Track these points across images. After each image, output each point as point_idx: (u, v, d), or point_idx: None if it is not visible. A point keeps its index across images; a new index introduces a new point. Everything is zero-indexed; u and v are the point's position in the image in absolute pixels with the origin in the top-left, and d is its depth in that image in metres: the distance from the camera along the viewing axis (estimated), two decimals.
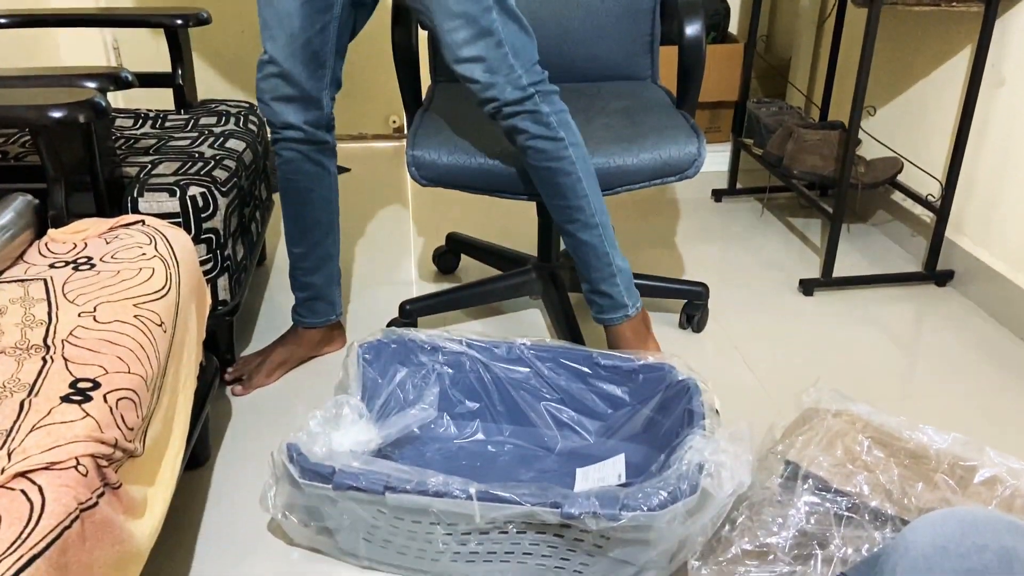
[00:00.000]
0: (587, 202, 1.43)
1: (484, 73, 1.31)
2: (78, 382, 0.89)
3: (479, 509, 1.05)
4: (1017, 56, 1.85)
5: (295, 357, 1.68)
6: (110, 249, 1.15)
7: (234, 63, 2.96)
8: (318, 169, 1.54)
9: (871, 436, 1.19)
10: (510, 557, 1.12)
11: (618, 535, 1.06)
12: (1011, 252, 1.90)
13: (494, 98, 1.33)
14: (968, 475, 1.11)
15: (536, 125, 1.36)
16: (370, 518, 1.12)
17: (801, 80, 2.83)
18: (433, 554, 1.15)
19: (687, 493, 1.04)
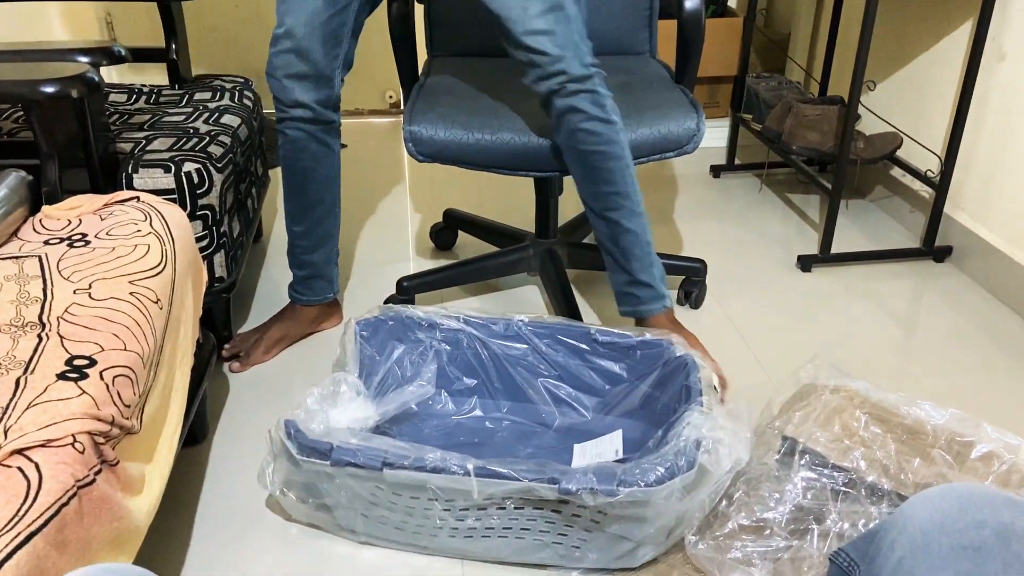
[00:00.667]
0: (634, 189, 1.42)
1: (554, 46, 1.30)
2: (74, 359, 0.88)
3: (477, 485, 1.05)
4: (1018, 30, 1.83)
5: (292, 334, 1.67)
6: (105, 226, 1.15)
7: (229, 38, 2.93)
8: (323, 148, 1.52)
9: (868, 412, 1.19)
10: (508, 532, 1.13)
11: (615, 511, 1.06)
12: (1010, 228, 1.89)
13: (561, 71, 1.32)
14: (965, 451, 1.12)
15: (594, 106, 1.35)
16: (368, 494, 1.12)
17: (800, 55, 2.80)
18: (431, 530, 1.15)
19: (684, 469, 1.05)
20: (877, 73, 2.34)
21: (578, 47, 1.32)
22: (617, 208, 1.43)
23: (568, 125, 1.37)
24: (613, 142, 1.38)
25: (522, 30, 1.29)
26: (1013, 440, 1.12)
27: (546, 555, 1.15)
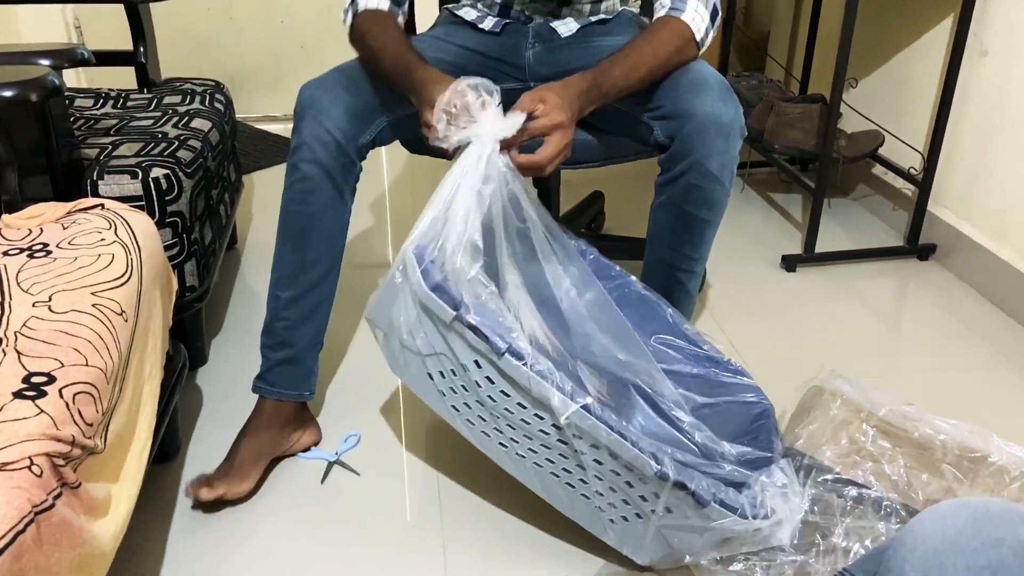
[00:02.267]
0: (708, 251, 1.35)
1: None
2: (32, 376, 0.84)
3: (588, 426, 1.02)
4: (999, 26, 1.82)
5: (269, 444, 1.33)
6: (67, 235, 1.10)
7: (201, 41, 2.88)
8: (335, 196, 1.27)
9: (876, 425, 1.16)
10: (566, 475, 1.11)
11: (683, 518, 1.05)
12: (993, 225, 1.88)
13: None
14: (976, 466, 1.10)
15: (723, 169, 1.24)
16: (461, 360, 1.08)
17: (780, 53, 2.79)
18: (490, 429, 1.12)
19: (763, 517, 1.05)
20: (858, 70, 2.33)
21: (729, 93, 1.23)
22: (689, 271, 1.36)
23: (688, 180, 1.24)
24: (721, 209, 1.29)
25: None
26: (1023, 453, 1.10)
27: (578, 512, 1.14)
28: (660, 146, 1.28)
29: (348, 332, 1.73)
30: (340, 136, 1.23)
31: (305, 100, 1.25)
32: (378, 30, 1.28)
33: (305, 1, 2.85)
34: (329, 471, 1.35)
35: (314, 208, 1.26)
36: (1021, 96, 1.77)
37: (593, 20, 1.46)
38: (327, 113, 1.23)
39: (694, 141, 1.21)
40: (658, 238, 1.34)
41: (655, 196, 1.31)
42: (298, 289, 1.31)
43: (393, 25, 1.30)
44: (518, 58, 1.46)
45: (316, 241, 1.29)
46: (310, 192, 1.25)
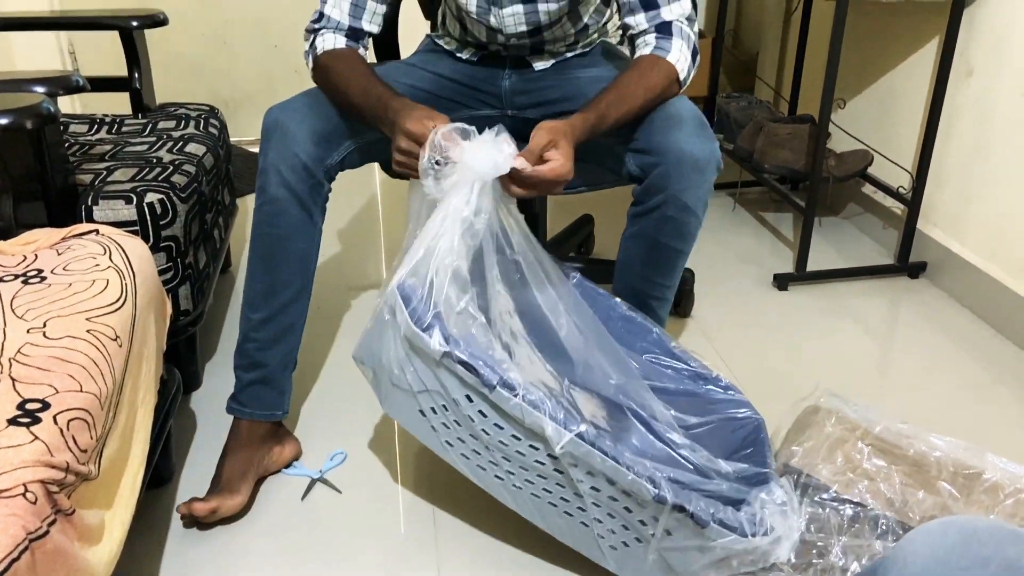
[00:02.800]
0: (679, 279, 1.36)
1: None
2: (26, 403, 0.84)
3: (582, 454, 1.03)
4: (985, 46, 1.84)
5: (252, 461, 1.32)
6: (62, 260, 1.10)
7: (195, 65, 2.89)
8: (304, 216, 1.29)
9: (871, 443, 1.17)
10: (564, 504, 1.11)
11: (684, 540, 1.05)
12: (982, 243, 1.90)
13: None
14: (970, 483, 1.10)
15: (699, 203, 1.26)
16: (453, 396, 1.08)
17: (769, 74, 2.82)
18: (486, 463, 1.12)
19: (763, 534, 1.06)
20: (846, 91, 2.36)
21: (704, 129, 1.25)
22: (660, 298, 1.37)
23: (663, 212, 1.25)
24: (694, 239, 1.30)
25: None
26: (1018, 470, 1.10)
27: (577, 539, 1.14)
28: (633, 177, 1.30)
29: (339, 351, 1.73)
30: (307, 158, 1.25)
31: (270, 123, 1.26)
32: (342, 66, 1.30)
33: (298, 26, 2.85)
34: (310, 489, 1.35)
35: (283, 230, 1.28)
36: (1007, 115, 1.79)
37: (570, 56, 1.48)
38: (293, 136, 1.25)
39: (670, 176, 1.22)
40: (629, 266, 1.35)
41: (628, 226, 1.32)
42: (269, 310, 1.32)
43: (356, 59, 1.32)
44: (495, 87, 1.48)
45: (286, 263, 1.30)
46: (278, 214, 1.27)
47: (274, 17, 2.85)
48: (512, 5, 1.35)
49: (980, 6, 1.84)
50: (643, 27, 1.28)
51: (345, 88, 1.27)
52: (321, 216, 1.32)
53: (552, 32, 1.42)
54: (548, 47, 1.46)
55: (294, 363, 1.38)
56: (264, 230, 1.29)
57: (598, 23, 1.49)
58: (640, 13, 1.28)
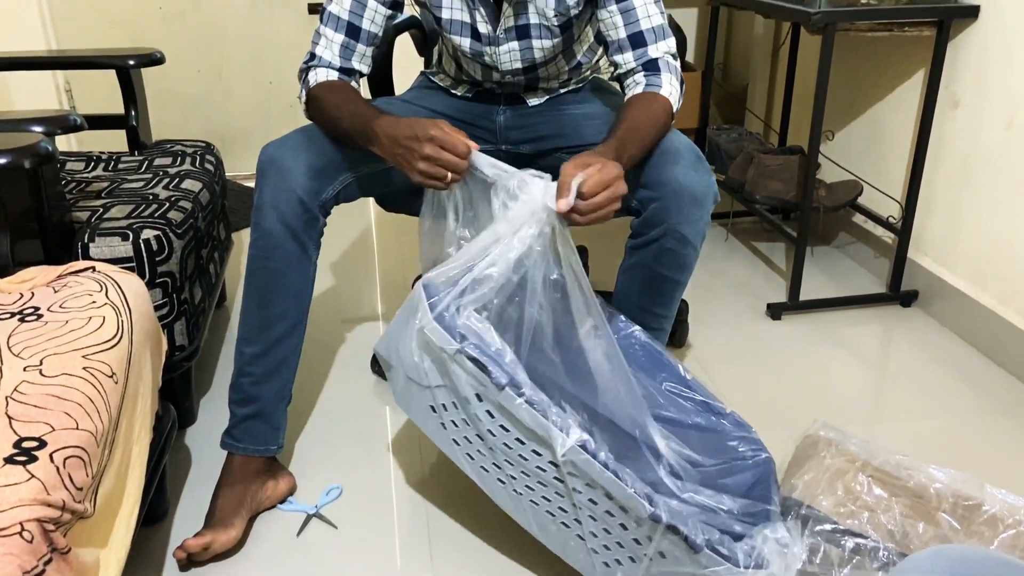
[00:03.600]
0: (676, 309, 1.38)
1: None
2: (22, 441, 0.84)
3: (581, 461, 1.03)
4: (970, 78, 1.88)
5: (245, 496, 1.32)
6: (58, 298, 1.11)
7: (191, 102, 2.92)
8: (299, 251, 1.30)
9: (871, 475, 1.17)
10: (562, 514, 1.12)
11: (675, 563, 1.05)
12: (973, 271, 1.92)
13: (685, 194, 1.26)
14: (970, 514, 1.10)
15: (696, 236, 1.28)
16: (463, 393, 1.09)
17: (759, 106, 2.86)
18: (490, 464, 1.13)
19: (760, 567, 1.06)
20: (835, 122, 2.39)
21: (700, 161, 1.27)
22: (658, 329, 1.38)
23: (662, 244, 1.27)
24: (692, 270, 1.32)
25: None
26: (1017, 502, 1.10)
27: (571, 554, 1.15)
28: (631, 211, 1.31)
29: (334, 385, 1.73)
30: (302, 193, 1.26)
31: (265, 160, 1.28)
32: (333, 95, 1.31)
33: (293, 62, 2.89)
34: (306, 524, 1.34)
35: (278, 264, 1.29)
36: (994, 145, 1.82)
37: (563, 92, 1.51)
38: (289, 170, 1.26)
39: (669, 209, 1.24)
40: (626, 297, 1.36)
41: (625, 257, 1.34)
42: (263, 344, 1.32)
43: (348, 88, 1.34)
44: (489, 122, 1.50)
45: (281, 297, 1.31)
46: (273, 249, 1.28)
47: (269, 54, 2.89)
48: (508, 42, 1.37)
49: (964, 39, 1.88)
50: (631, 65, 1.31)
51: (337, 114, 1.29)
52: (316, 251, 1.33)
53: (547, 69, 1.45)
54: (542, 84, 1.48)
55: (289, 397, 1.38)
56: (259, 264, 1.29)
57: (591, 60, 1.51)
58: (628, 52, 1.31)
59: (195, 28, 2.82)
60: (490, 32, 1.36)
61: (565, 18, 1.35)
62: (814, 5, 1.84)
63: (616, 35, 1.31)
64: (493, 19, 1.35)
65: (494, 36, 1.36)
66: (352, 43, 1.34)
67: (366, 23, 1.33)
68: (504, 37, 1.37)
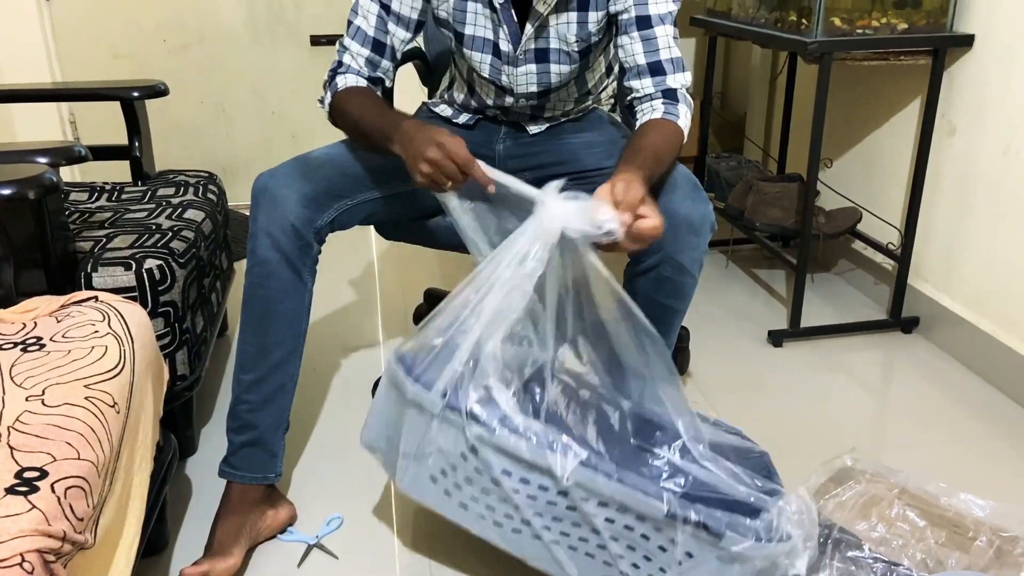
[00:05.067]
0: (675, 336, 1.38)
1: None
2: (24, 472, 0.84)
3: (585, 478, 1.03)
4: (966, 105, 1.89)
5: (244, 524, 1.31)
6: (61, 328, 1.11)
7: (194, 133, 2.94)
8: (294, 278, 1.31)
9: (908, 503, 1.16)
10: (582, 544, 1.11)
11: (704, 561, 1.05)
12: (973, 297, 1.92)
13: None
14: (1007, 545, 1.09)
15: (695, 264, 1.29)
16: (459, 450, 1.08)
17: (757, 134, 2.88)
18: (501, 517, 1.12)
19: (781, 540, 1.06)
20: (833, 150, 2.41)
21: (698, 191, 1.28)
22: None
23: (660, 272, 1.28)
24: (690, 298, 1.33)
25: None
26: None
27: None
28: None
29: (334, 413, 1.73)
30: (295, 220, 1.28)
31: (259, 189, 1.30)
32: (362, 97, 1.35)
33: (297, 94, 2.93)
34: (307, 555, 1.33)
35: (273, 292, 1.30)
36: (990, 172, 1.83)
37: (564, 120, 1.52)
38: (282, 198, 1.28)
39: (666, 238, 1.24)
40: None
41: (624, 284, 1.34)
42: (259, 372, 1.33)
43: (376, 94, 1.38)
44: (489, 150, 1.51)
45: (276, 324, 1.32)
46: (268, 276, 1.29)
47: (271, 86, 2.92)
48: (527, 64, 1.39)
49: (959, 68, 1.90)
50: (649, 91, 1.33)
51: (362, 113, 1.32)
52: (311, 278, 1.34)
53: (558, 95, 1.46)
54: (548, 112, 1.50)
55: (286, 425, 1.38)
56: (255, 292, 1.30)
57: (598, 90, 1.53)
58: (647, 78, 1.33)
59: (199, 61, 2.85)
60: (511, 51, 1.38)
61: (585, 44, 1.37)
62: (810, 35, 1.87)
63: (635, 61, 1.33)
64: (515, 39, 1.37)
65: (514, 56, 1.38)
66: (377, 58, 1.38)
67: (389, 40, 1.38)
68: (523, 58, 1.38)
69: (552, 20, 1.34)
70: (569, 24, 1.35)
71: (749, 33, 2.14)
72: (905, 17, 1.90)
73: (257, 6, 2.81)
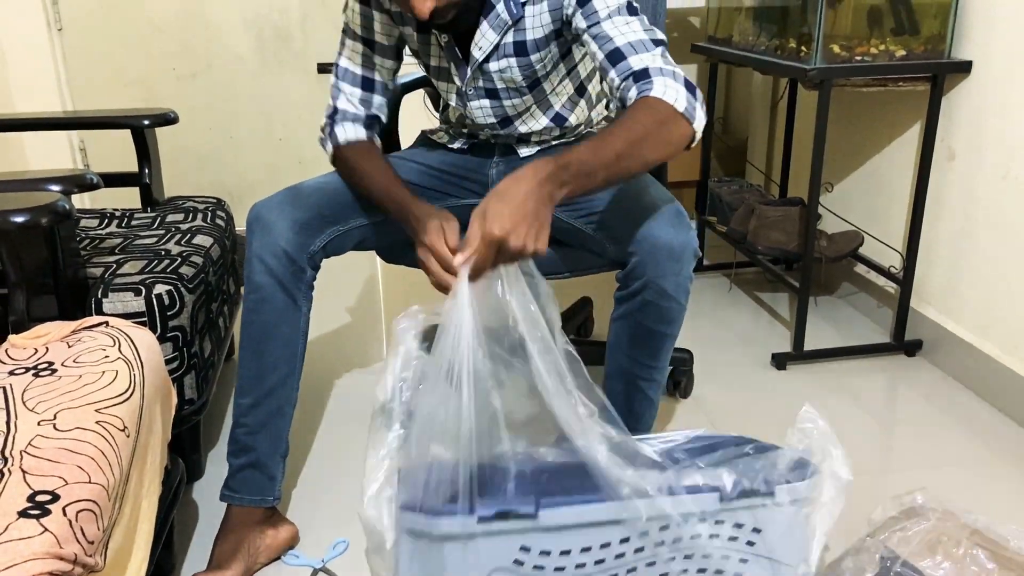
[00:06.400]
0: (668, 359, 1.38)
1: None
2: (36, 495, 0.85)
3: (645, 506, 0.98)
4: (965, 131, 1.91)
5: (244, 543, 1.34)
6: (72, 353, 1.13)
7: (202, 159, 2.98)
8: (288, 303, 1.33)
9: (978, 543, 1.12)
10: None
11: (774, 528, 1.03)
12: (976, 320, 1.93)
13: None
14: None
15: (679, 290, 1.27)
16: (506, 563, 0.99)
17: (759, 159, 2.90)
18: None
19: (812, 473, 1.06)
20: (834, 174, 2.43)
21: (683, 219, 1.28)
22: (649, 379, 1.37)
23: (644, 297, 1.28)
24: (678, 323, 1.32)
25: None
26: None
27: None
28: (615, 263, 1.33)
29: (337, 436, 1.74)
30: (287, 246, 1.31)
31: (252, 217, 1.33)
32: (365, 163, 1.39)
33: (303, 121, 2.97)
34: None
35: (268, 316, 1.33)
36: (990, 196, 1.85)
37: (555, 144, 1.54)
38: (273, 225, 1.31)
39: (647, 264, 1.25)
40: (618, 348, 1.36)
41: (614, 308, 1.35)
42: (256, 395, 1.35)
43: (376, 155, 1.41)
44: (482, 175, 1.54)
45: (272, 348, 1.34)
46: (262, 301, 1.32)
47: (278, 113, 2.95)
48: (479, 99, 1.42)
49: (958, 93, 1.92)
50: (616, 82, 1.22)
51: (368, 186, 1.37)
52: (306, 302, 1.37)
53: (525, 123, 1.48)
54: (534, 137, 1.52)
55: (285, 448, 1.40)
56: (251, 317, 1.33)
57: (580, 117, 1.52)
58: (610, 70, 1.23)
59: (207, 88, 2.89)
60: (460, 86, 1.41)
61: (533, 79, 1.39)
62: (809, 62, 1.89)
63: (597, 61, 1.25)
64: (463, 75, 1.40)
65: (464, 91, 1.41)
66: (369, 95, 1.43)
67: (378, 75, 1.42)
68: (473, 94, 1.41)
69: (492, 65, 1.36)
70: (511, 68, 1.36)
71: (750, 60, 2.17)
72: (903, 44, 1.93)
73: (265, 34, 2.85)
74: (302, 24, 2.84)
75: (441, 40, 1.37)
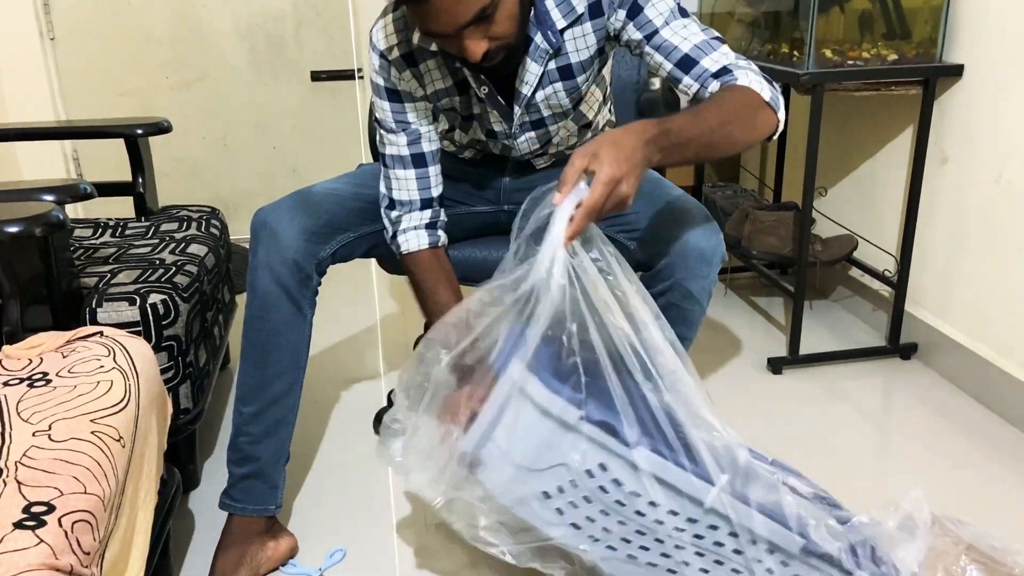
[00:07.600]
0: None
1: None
2: (32, 506, 0.85)
3: (729, 503, 0.98)
4: (957, 134, 1.92)
5: (245, 555, 1.33)
6: (67, 363, 1.12)
7: (196, 168, 2.98)
8: (293, 310, 1.32)
9: (975, 559, 1.13)
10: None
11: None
12: (970, 323, 1.93)
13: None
14: None
15: (704, 293, 1.29)
16: (586, 466, 1.00)
17: (753, 164, 2.91)
18: (617, 541, 1.05)
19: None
20: (827, 179, 2.43)
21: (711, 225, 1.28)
22: None
23: (668, 299, 1.28)
24: (697, 326, 1.33)
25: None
26: None
27: None
28: (640, 264, 1.33)
29: (336, 445, 1.73)
30: (296, 254, 1.29)
31: (258, 224, 1.31)
32: (431, 281, 1.37)
33: (297, 129, 2.97)
34: None
35: (273, 324, 1.31)
36: (982, 200, 1.85)
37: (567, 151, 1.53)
38: (282, 232, 1.29)
39: (676, 266, 1.26)
40: None
41: None
42: (260, 404, 1.34)
43: (439, 269, 1.38)
44: (494, 184, 1.53)
45: (276, 356, 1.33)
46: (268, 309, 1.30)
47: (272, 122, 2.95)
48: (525, 134, 1.39)
49: (949, 97, 1.93)
50: (695, 87, 1.22)
51: (430, 312, 1.36)
52: (311, 310, 1.35)
53: (565, 142, 1.47)
54: (552, 149, 1.51)
55: (287, 456, 1.39)
56: (255, 325, 1.32)
57: (601, 119, 1.51)
58: (685, 76, 1.21)
59: (201, 97, 2.89)
60: (505, 129, 1.38)
61: (577, 99, 1.38)
62: (802, 67, 1.90)
63: (666, 71, 1.23)
64: (507, 118, 1.36)
65: (510, 132, 1.38)
66: (424, 171, 1.37)
67: (426, 146, 1.36)
68: (519, 131, 1.38)
69: (539, 95, 1.32)
70: (557, 92, 1.33)
71: None
72: (895, 48, 1.94)
73: (258, 43, 2.86)
74: (296, 33, 2.84)
75: (480, 92, 1.32)
